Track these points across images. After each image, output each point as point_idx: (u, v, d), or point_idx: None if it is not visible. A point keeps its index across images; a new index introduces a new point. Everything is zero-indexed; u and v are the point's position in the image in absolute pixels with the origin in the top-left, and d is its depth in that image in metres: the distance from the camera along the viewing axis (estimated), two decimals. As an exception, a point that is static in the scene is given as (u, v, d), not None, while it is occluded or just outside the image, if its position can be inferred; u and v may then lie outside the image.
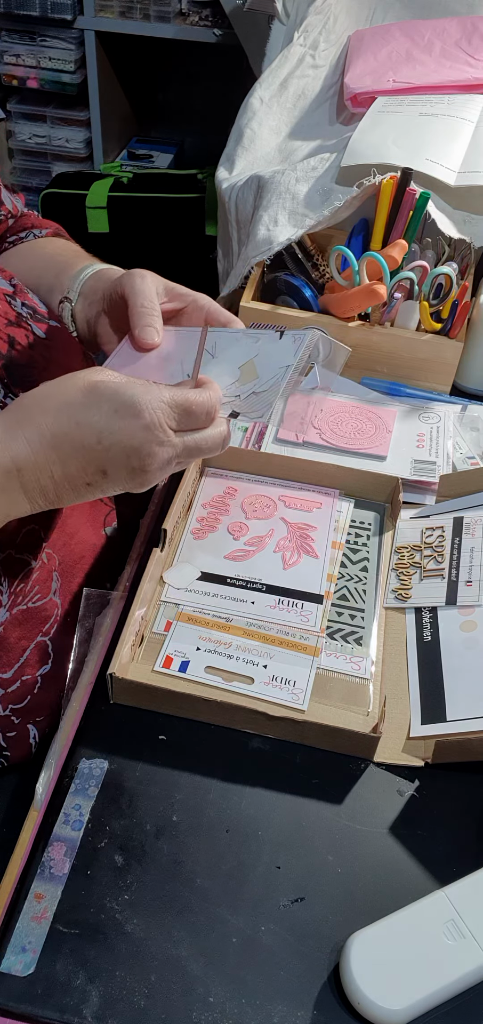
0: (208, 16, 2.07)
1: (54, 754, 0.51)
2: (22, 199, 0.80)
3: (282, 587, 0.64)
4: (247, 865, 0.48)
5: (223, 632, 0.60)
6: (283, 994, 0.43)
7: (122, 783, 0.52)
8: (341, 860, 0.49)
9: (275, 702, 0.55)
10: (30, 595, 0.56)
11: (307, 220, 0.90)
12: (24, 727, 0.56)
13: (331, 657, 0.59)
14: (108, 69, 2.25)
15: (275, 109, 1.16)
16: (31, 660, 0.56)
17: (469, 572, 0.63)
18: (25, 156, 2.40)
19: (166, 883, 0.47)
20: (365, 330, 0.86)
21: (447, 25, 1.20)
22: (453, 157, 0.92)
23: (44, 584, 0.57)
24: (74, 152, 2.35)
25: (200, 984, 0.43)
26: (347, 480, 0.72)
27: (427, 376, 0.86)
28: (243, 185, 1.00)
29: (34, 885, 0.47)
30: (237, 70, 1.68)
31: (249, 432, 0.81)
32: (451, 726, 0.54)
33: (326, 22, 1.28)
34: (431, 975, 0.42)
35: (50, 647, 0.57)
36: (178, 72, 2.43)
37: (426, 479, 0.74)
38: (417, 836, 0.50)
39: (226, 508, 0.70)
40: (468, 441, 0.79)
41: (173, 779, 0.52)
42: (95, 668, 0.56)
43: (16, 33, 2.17)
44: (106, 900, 0.46)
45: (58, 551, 0.59)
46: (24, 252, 0.73)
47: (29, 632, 0.56)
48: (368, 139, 0.96)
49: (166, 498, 0.70)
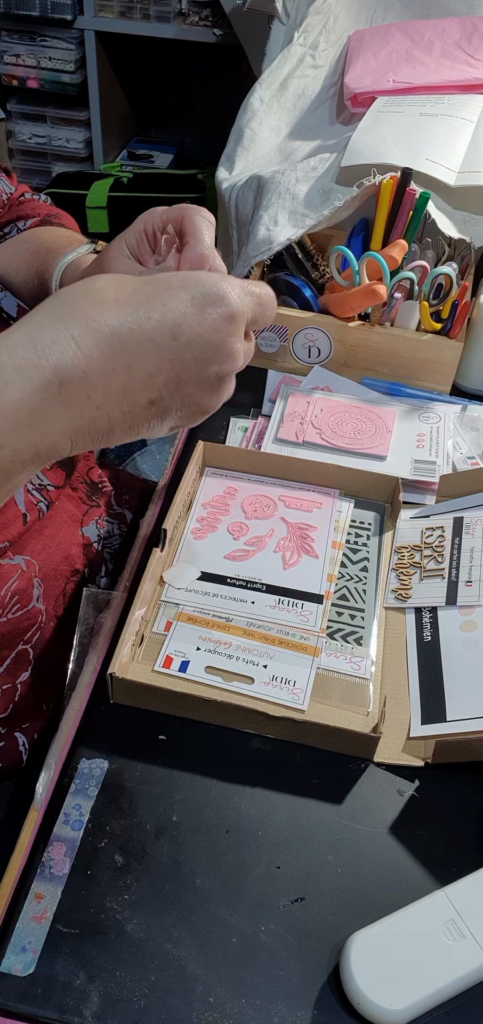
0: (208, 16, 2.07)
1: (54, 754, 0.51)
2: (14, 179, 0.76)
3: (282, 587, 0.64)
4: (247, 865, 0.48)
5: (223, 632, 0.60)
6: (283, 994, 0.43)
7: (122, 783, 0.52)
8: (341, 860, 0.49)
9: (275, 702, 0.55)
10: (9, 607, 0.55)
11: (307, 220, 0.90)
12: (11, 736, 0.56)
13: (331, 657, 0.59)
14: (108, 69, 2.25)
15: (275, 109, 1.16)
16: (10, 669, 0.55)
17: (469, 572, 0.63)
18: (25, 156, 2.40)
19: (166, 883, 0.47)
20: (365, 330, 0.86)
21: (447, 25, 1.20)
22: (453, 157, 0.92)
23: (24, 593, 0.56)
24: (74, 152, 2.35)
25: (200, 984, 0.43)
26: (347, 480, 0.72)
27: (427, 376, 0.86)
28: (243, 185, 1.00)
29: (34, 885, 0.47)
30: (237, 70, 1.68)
31: (249, 432, 0.81)
32: (451, 726, 0.54)
33: (326, 22, 1.28)
34: (431, 975, 0.42)
35: (31, 654, 0.57)
36: (178, 72, 2.44)
37: (426, 479, 0.74)
38: (417, 836, 0.50)
39: (226, 508, 0.70)
40: (468, 441, 0.79)
41: (173, 779, 0.52)
42: (95, 668, 0.56)
43: (16, 33, 2.17)
44: (106, 900, 0.46)
45: (37, 555, 0.58)
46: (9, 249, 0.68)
47: (9, 643, 0.55)
48: (368, 139, 0.96)
49: (166, 498, 0.70)
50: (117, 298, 0.38)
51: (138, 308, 0.38)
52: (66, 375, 0.36)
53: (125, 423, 0.39)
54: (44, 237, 0.67)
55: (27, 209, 0.73)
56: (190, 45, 2.11)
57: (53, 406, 0.36)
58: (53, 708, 0.59)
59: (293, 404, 0.83)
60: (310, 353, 0.89)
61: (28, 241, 0.68)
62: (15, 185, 0.76)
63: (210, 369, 0.40)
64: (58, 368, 0.36)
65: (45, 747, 0.51)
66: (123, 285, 0.39)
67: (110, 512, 0.70)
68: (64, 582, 0.60)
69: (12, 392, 0.35)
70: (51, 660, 0.58)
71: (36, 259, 0.64)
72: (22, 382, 0.35)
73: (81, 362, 0.36)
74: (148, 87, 2.50)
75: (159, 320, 0.38)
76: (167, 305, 0.39)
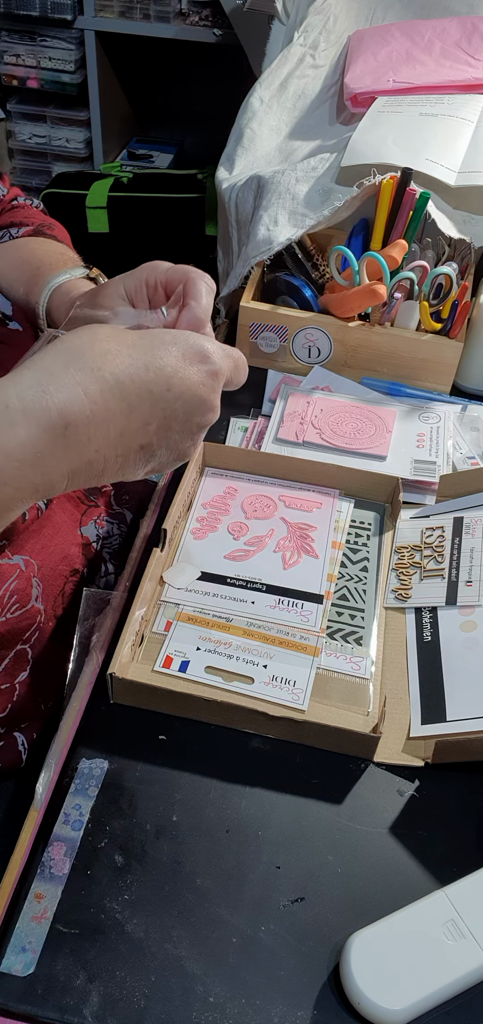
0: (208, 16, 2.07)
1: (54, 754, 0.51)
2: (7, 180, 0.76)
3: (282, 587, 0.64)
4: (247, 865, 0.48)
5: (223, 632, 0.60)
6: (283, 994, 0.43)
7: (122, 783, 0.52)
8: (341, 860, 0.49)
9: (275, 702, 0.55)
10: (8, 607, 0.55)
11: (307, 220, 0.90)
12: (10, 736, 0.56)
13: (331, 657, 0.59)
14: (108, 69, 2.25)
15: (275, 109, 1.16)
16: (8, 669, 0.55)
17: (469, 572, 0.63)
18: (25, 156, 2.40)
19: (166, 883, 0.47)
20: (365, 330, 0.86)
21: (447, 25, 1.20)
22: (453, 157, 0.92)
23: (23, 593, 0.56)
24: (74, 152, 2.35)
25: (200, 984, 0.43)
26: (347, 480, 0.72)
27: (427, 376, 0.86)
28: (243, 185, 1.00)
29: (34, 885, 0.47)
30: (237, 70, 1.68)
31: (249, 432, 0.81)
32: (451, 726, 0.54)
33: (326, 22, 1.28)
34: (431, 975, 0.42)
35: (30, 654, 0.57)
36: (178, 72, 2.43)
37: (426, 479, 0.74)
38: (417, 836, 0.50)
39: (226, 508, 0.70)
40: (468, 441, 0.79)
41: (173, 779, 0.52)
42: (95, 668, 0.56)
43: (16, 33, 2.17)
44: (106, 900, 0.46)
45: (36, 555, 0.58)
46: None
47: (7, 643, 0.55)
48: (368, 139, 0.96)
49: (166, 498, 0.70)
50: (119, 349, 0.41)
51: (138, 360, 0.41)
52: (72, 418, 0.39)
53: (117, 465, 0.43)
54: (36, 250, 0.67)
55: (21, 216, 0.73)
56: (190, 45, 2.11)
57: (56, 448, 0.39)
58: (52, 708, 0.59)
59: (293, 404, 0.83)
60: (310, 353, 0.89)
61: (20, 250, 0.67)
62: (7, 187, 0.76)
63: (194, 419, 0.45)
64: (64, 411, 0.38)
65: (44, 747, 0.51)
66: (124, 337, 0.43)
67: (110, 512, 0.70)
68: (63, 582, 0.60)
69: (19, 434, 0.37)
70: (50, 660, 0.58)
71: (26, 270, 0.64)
72: (29, 424, 0.37)
73: (86, 407, 0.39)
74: (148, 87, 2.50)
75: (156, 372, 0.42)
76: (163, 359, 0.42)
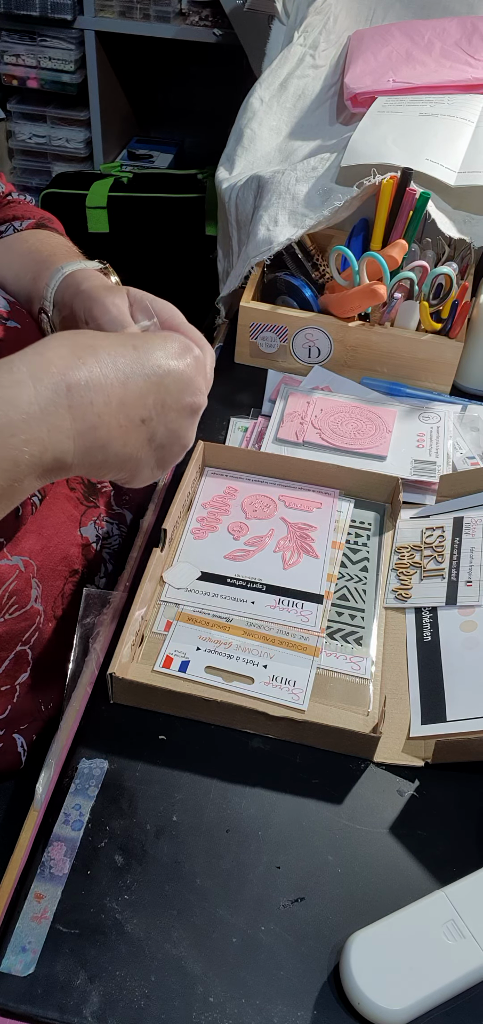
0: (208, 16, 2.07)
1: (54, 754, 0.51)
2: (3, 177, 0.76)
3: (282, 587, 0.64)
4: (247, 865, 0.48)
5: (223, 632, 0.60)
6: (283, 994, 0.43)
7: (122, 783, 0.52)
8: (341, 860, 0.49)
9: (275, 702, 0.55)
10: (7, 607, 0.55)
11: (307, 220, 0.90)
12: (10, 737, 0.56)
13: (331, 657, 0.59)
14: (108, 69, 2.25)
15: (275, 109, 1.16)
16: (9, 670, 0.55)
17: (469, 572, 0.63)
18: (25, 156, 2.40)
19: (166, 883, 0.47)
20: (365, 330, 0.86)
21: (447, 25, 1.20)
22: (453, 157, 0.92)
23: (22, 593, 0.56)
24: (74, 152, 2.35)
25: (200, 984, 0.43)
26: (347, 480, 0.72)
27: (427, 376, 0.86)
28: (243, 185, 1.00)
29: (34, 885, 0.47)
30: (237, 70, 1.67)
31: (249, 432, 0.81)
32: (451, 726, 0.54)
33: (326, 22, 1.27)
34: (431, 975, 0.42)
35: (30, 655, 0.57)
36: (178, 72, 2.43)
37: (426, 479, 0.74)
38: (417, 836, 0.50)
39: (226, 508, 0.70)
40: (468, 441, 0.79)
41: (173, 779, 0.52)
42: (95, 668, 0.56)
43: (16, 33, 2.17)
44: (106, 900, 0.46)
45: (35, 556, 0.58)
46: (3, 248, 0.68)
47: (7, 644, 0.55)
48: (368, 139, 0.96)
49: (166, 498, 0.70)
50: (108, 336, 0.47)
51: (127, 342, 0.47)
52: (72, 380, 0.43)
53: (121, 440, 0.46)
54: (44, 240, 0.68)
55: (21, 210, 0.73)
56: (190, 45, 2.10)
57: (60, 406, 0.43)
58: (52, 709, 0.59)
59: (293, 404, 0.83)
60: (310, 353, 0.89)
61: (27, 240, 0.68)
62: (5, 183, 0.76)
63: (185, 399, 0.49)
64: (65, 374, 0.43)
65: (44, 748, 0.51)
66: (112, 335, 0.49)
67: (109, 512, 0.70)
68: (63, 582, 0.60)
69: (25, 389, 0.42)
70: (50, 661, 0.58)
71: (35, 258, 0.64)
72: (33, 382, 0.42)
73: (83, 371, 0.44)
74: (148, 87, 2.50)
75: (145, 352, 0.47)
76: (152, 344, 0.48)
